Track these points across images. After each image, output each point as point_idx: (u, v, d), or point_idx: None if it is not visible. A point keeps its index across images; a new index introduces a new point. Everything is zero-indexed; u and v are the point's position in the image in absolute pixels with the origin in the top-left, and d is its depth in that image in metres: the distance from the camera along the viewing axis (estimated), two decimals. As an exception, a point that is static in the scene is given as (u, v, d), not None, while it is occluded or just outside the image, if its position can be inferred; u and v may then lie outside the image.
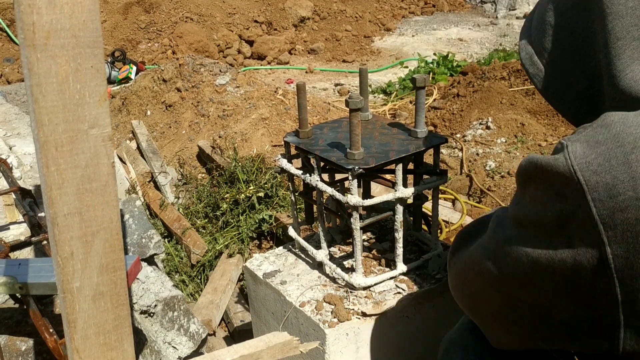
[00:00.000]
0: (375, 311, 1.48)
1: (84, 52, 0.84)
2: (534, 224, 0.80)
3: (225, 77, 4.34)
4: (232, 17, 8.29)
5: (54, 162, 0.86)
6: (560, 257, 0.76)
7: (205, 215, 3.03)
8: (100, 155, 0.90)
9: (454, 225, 2.78)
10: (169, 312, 1.75)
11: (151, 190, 3.38)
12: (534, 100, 4.13)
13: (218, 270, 2.70)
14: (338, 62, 7.61)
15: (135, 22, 8.05)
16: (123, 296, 0.99)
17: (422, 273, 1.62)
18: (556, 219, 0.76)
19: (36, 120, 0.84)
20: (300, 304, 1.53)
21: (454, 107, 4.35)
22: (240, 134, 3.68)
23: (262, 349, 1.16)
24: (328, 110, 4.32)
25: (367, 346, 1.50)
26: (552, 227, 0.77)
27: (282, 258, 1.76)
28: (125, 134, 4.33)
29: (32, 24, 0.80)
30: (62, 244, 0.90)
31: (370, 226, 1.87)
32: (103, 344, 1.00)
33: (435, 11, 10.00)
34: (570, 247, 0.75)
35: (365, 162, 1.41)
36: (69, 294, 0.93)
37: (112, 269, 0.96)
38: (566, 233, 0.75)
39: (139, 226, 1.98)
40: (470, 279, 0.99)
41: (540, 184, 0.78)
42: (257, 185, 2.92)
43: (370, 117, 1.72)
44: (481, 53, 7.36)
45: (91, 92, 0.86)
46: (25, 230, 1.84)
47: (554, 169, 0.74)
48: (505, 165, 3.38)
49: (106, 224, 0.93)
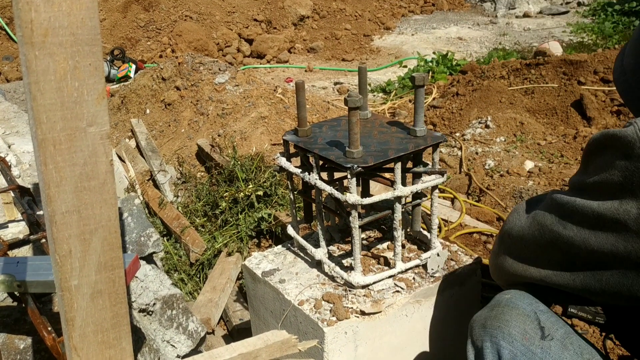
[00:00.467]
0: (374, 310, 1.48)
1: (82, 50, 0.84)
2: (599, 185, 1.00)
3: (224, 76, 4.33)
4: (232, 16, 8.28)
5: (52, 160, 0.86)
6: (624, 207, 0.95)
7: (205, 214, 3.03)
8: (98, 153, 0.89)
9: (452, 224, 2.78)
10: (168, 311, 1.75)
11: (150, 188, 3.38)
12: (533, 99, 4.13)
13: (217, 269, 2.70)
14: (337, 60, 7.61)
15: (135, 20, 8.04)
16: (121, 294, 0.99)
17: (421, 272, 1.62)
18: (621, 176, 0.95)
19: (34, 118, 0.84)
20: (299, 303, 1.53)
21: (454, 106, 4.34)
22: (240, 132, 3.68)
23: (261, 348, 1.16)
24: (327, 109, 4.32)
25: (366, 345, 1.50)
26: (616, 185, 0.96)
27: (281, 256, 1.76)
28: (124, 133, 4.33)
29: (30, 21, 0.79)
30: (60, 242, 0.90)
31: (369, 225, 1.87)
32: (101, 342, 1.00)
33: (434, 10, 10.00)
34: (634, 198, 0.94)
35: (364, 160, 1.41)
36: (67, 292, 0.93)
37: (111, 267, 0.96)
38: (629, 187, 0.94)
39: (137, 224, 1.98)
40: (530, 240, 1.17)
41: (609, 149, 0.98)
42: (256, 183, 2.92)
43: (369, 116, 1.72)
44: (480, 52, 7.36)
45: (89, 90, 0.86)
46: (23, 229, 1.84)
47: (623, 135, 0.95)
48: (504, 164, 3.38)
49: (104, 222, 0.93)
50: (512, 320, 1.14)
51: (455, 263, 1.66)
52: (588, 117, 3.81)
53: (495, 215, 2.86)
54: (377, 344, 1.52)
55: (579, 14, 9.45)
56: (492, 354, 1.14)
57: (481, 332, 1.17)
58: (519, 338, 1.12)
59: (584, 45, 7.08)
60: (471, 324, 1.22)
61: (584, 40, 7.52)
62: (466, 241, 2.68)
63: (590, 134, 3.63)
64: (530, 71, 4.34)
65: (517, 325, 1.13)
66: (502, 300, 1.20)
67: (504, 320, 1.15)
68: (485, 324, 1.18)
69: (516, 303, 1.18)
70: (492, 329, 1.15)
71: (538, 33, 8.29)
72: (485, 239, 2.70)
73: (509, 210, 2.92)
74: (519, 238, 1.21)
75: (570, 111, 3.91)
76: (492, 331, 1.15)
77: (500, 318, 1.16)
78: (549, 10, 9.63)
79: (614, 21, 8.28)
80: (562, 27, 8.58)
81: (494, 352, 1.13)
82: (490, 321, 1.17)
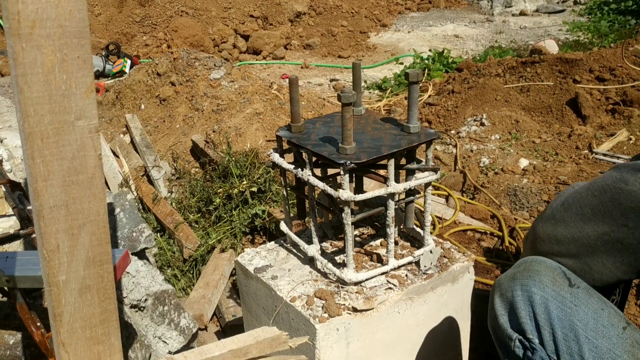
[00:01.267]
0: (366, 306, 1.47)
1: (71, 43, 0.83)
2: None
3: (219, 72, 4.32)
4: (228, 12, 8.25)
5: (40, 154, 0.85)
6: None
7: (198, 210, 3.02)
8: (87, 147, 0.89)
9: (447, 221, 2.78)
10: (160, 307, 1.75)
11: (144, 184, 3.37)
12: (528, 97, 4.13)
13: (210, 265, 2.69)
14: (334, 57, 7.60)
15: (130, 15, 8.01)
16: (110, 290, 0.99)
17: (414, 269, 1.62)
18: None
19: (21, 111, 0.83)
20: (291, 299, 1.52)
21: (449, 104, 4.34)
22: (234, 128, 3.67)
23: (251, 344, 1.15)
24: (323, 106, 4.32)
25: (358, 341, 1.50)
26: None
27: (274, 253, 1.75)
28: (119, 128, 4.31)
29: (17, 13, 0.78)
30: (48, 237, 0.90)
31: (363, 221, 1.86)
32: (89, 338, 0.99)
33: (431, 7, 10.00)
34: None
35: (357, 157, 1.40)
36: (54, 287, 0.93)
37: (99, 262, 0.95)
38: None
39: (129, 220, 1.97)
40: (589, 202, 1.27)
41: None
42: (250, 180, 2.91)
43: (363, 112, 1.71)
44: (477, 50, 7.36)
45: (78, 83, 0.85)
46: (14, 223, 1.82)
47: None
48: (499, 161, 3.38)
49: (93, 216, 0.92)
50: (541, 270, 1.22)
51: (448, 260, 1.66)
52: (583, 116, 3.82)
53: (489, 212, 2.86)
54: (369, 340, 1.51)
55: (575, 13, 9.46)
56: (523, 301, 1.20)
57: (510, 283, 1.24)
58: (549, 284, 1.19)
59: (580, 43, 7.09)
60: (497, 283, 1.29)
61: (580, 38, 7.53)
62: (460, 238, 2.68)
63: (585, 132, 3.63)
64: (525, 69, 4.35)
65: (546, 273, 1.21)
66: (528, 259, 1.28)
67: (534, 271, 1.23)
68: (514, 276, 1.25)
69: (542, 259, 1.27)
70: (523, 278, 1.23)
71: (534, 31, 8.29)
72: (479, 237, 2.70)
73: (503, 208, 2.92)
74: (577, 201, 1.30)
75: (565, 109, 3.92)
76: (522, 280, 1.22)
77: (530, 269, 1.24)
78: (546, 8, 9.64)
79: (610, 20, 8.29)
80: (558, 25, 8.59)
81: (525, 299, 1.19)
82: (519, 273, 1.24)
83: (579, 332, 1.14)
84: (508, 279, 1.26)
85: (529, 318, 1.19)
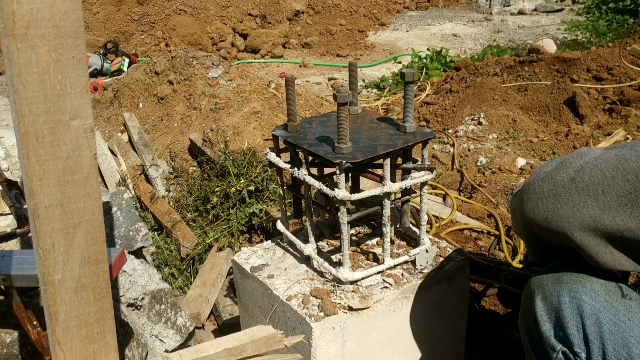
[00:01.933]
0: (362, 305, 1.48)
1: (65, 43, 0.83)
2: None
3: (217, 70, 4.32)
4: (226, 10, 8.25)
5: (35, 153, 0.86)
6: None
7: (196, 209, 3.02)
8: (82, 146, 0.89)
9: (444, 220, 2.79)
10: (156, 305, 1.75)
11: (142, 183, 3.37)
12: (526, 97, 4.14)
13: (208, 264, 2.69)
14: (332, 56, 7.60)
15: (129, 14, 8.00)
16: (105, 289, 0.99)
17: (410, 268, 1.63)
18: None
19: (16, 110, 0.83)
20: (287, 298, 1.53)
21: (447, 103, 4.35)
22: (232, 127, 3.67)
23: (246, 343, 1.15)
24: (321, 105, 4.32)
25: (354, 340, 1.50)
26: None
27: (270, 252, 1.75)
28: (116, 127, 4.31)
29: (12, 13, 0.79)
30: (43, 236, 0.90)
31: (359, 221, 1.87)
32: (85, 337, 1.00)
33: (429, 6, 10.00)
34: None
35: (353, 156, 1.41)
36: (50, 286, 0.93)
37: (95, 261, 0.96)
38: None
39: (126, 219, 1.97)
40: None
41: None
42: (247, 179, 2.91)
43: (360, 112, 1.72)
44: (475, 49, 7.37)
45: (73, 82, 0.86)
46: (11, 222, 1.83)
47: None
48: (497, 161, 3.38)
49: (88, 215, 0.93)
50: (593, 276, 1.07)
51: (444, 259, 1.66)
52: (580, 115, 3.82)
53: (486, 212, 2.87)
54: (364, 339, 1.52)
55: (574, 12, 9.47)
56: (571, 309, 1.06)
57: (556, 287, 1.09)
58: (602, 293, 1.05)
59: (578, 42, 7.10)
60: (538, 284, 1.14)
61: (578, 38, 7.53)
62: (457, 238, 2.68)
63: (582, 132, 3.64)
64: (523, 68, 4.35)
65: (599, 280, 1.07)
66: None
67: (585, 275, 1.07)
68: (561, 279, 1.10)
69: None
70: (571, 283, 1.08)
71: (532, 30, 8.30)
72: (476, 236, 2.71)
73: (500, 207, 2.93)
74: (597, 181, 1.06)
75: (562, 109, 3.92)
76: (571, 285, 1.08)
77: (581, 273, 1.08)
78: (544, 7, 9.65)
79: (608, 19, 8.30)
80: (556, 24, 8.60)
81: (574, 307, 1.06)
82: (567, 276, 1.09)
83: (632, 351, 1.01)
84: (554, 282, 1.10)
85: (576, 329, 1.05)
